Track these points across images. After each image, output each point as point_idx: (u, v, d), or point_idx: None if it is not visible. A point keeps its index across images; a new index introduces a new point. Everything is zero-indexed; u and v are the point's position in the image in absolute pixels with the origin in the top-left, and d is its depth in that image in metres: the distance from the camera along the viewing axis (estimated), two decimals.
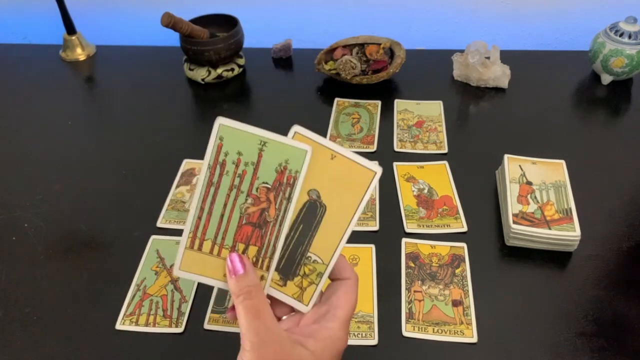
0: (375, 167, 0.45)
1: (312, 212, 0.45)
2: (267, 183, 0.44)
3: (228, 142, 0.43)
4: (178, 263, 0.45)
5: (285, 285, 0.46)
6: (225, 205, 0.44)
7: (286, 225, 0.45)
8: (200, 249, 0.45)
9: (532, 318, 0.65)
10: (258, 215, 0.45)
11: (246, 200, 0.44)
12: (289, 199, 0.44)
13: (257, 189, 0.44)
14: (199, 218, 0.44)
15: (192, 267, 0.45)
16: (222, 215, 0.44)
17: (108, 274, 0.71)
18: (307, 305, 0.46)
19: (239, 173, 0.44)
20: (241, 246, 0.45)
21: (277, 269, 0.46)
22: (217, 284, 0.45)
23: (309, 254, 0.46)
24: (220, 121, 0.43)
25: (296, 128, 0.44)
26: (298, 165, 0.44)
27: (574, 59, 1.09)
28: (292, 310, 0.47)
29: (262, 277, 0.45)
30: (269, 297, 0.45)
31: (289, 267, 0.46)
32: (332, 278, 0.46)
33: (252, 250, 0.45)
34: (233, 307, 0.43)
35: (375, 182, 0.45)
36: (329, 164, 0.44)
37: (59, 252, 0.75)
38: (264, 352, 0.40)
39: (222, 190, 0.44)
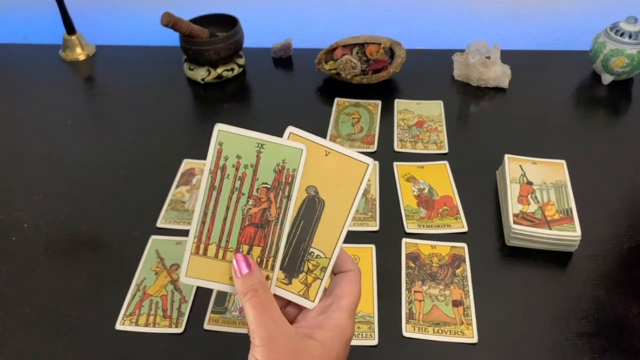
0: (368, 160, 0.46)
1: (312, 207, 0.46)
2: (266, 183, 0.46)
3: (227, 147, 0.45)
4: (184, 270, 0.46)
5: (290, 283, 0.47)
6: (227, 208, 0.46)
7: (287, 223, 0.46)
8: (205, 253, 0.46)
9: (533, 318, 0.65)
10: (260, 216, 0.46)
11: (247, 201, 0.46)
12: (288, 197, 0.46)
13: (257, 189, 0.45)
14: (203, 223, 0.45)
15: (198, 272, 0.46)
16: (225, 219, 0.46)
17: (108, 274, 0.71)
18: (313, 302, 0.47)
19: (239, 176, 0.45)
20: (245, 247, 0.46)
21: (281, 268, 0.46)
22: (224, 288, 0.46)
23: (311, 250, 0.47)
24: (219, 127, 0.45)
25: (291, 129, 0.46)
26: (295, 163, 0.45)
27: (575, 58, 1.09)
28: (300, 310, 0.47)
29: (267, 277, 0.46)
30: (276, 297, 0.45)
31: (293, 265, 0.47)
32: (335, 272, 0.47)
33: (256, 250, 0.46)
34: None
35: (369, 173, 0.46)
36: (323, 161, 0.46)
37: (59, 252, 0.75)
38: (273, 346, 0.41)
39: (224, 194, 0.45)
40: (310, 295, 0.47)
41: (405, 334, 0.63)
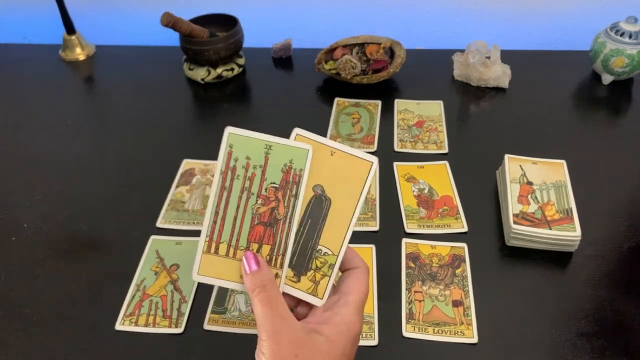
0: (372, 158, 0.48)
1: (319, 206, 0.48)
2: (274, 183, 0.47)
3: (237, 149, 0.47)
4: (197, 268, 0.47)
5: (299, 281, 0.48)
6: (237, 207, 0.47)
7: (295, 221, 0.47)
8: (217, 252, 0.47)
9: (533, 318, 0.65)
10: (269, 215, 0.47)
11: (257, 201, 0.47)
12: (296, 196, 0.47)
13: (266, 189, 0.47)
14: (214, 222, 0.47)
15: (209, 271, 0.47)
16: (235, 218, 0.47)
17: (108, 274, 0.71)
18: (321, 299, 0.48)
19: (249, 176, 0.47)
20: (255, 246, 0.47)
21: (290, 266, 0.48)
22: (234, 286, 0.48)
23: (319, 247, 0.48)
24: (230, 130, 0.47)
25: (297, 130, 0.47)
26: (302, 163, 0.47)
27: (575, 58, 1.09)
28: (310, 309, 0.48)
29: (276, 275, 0.47)
30: (286, 297, 0.46)
31: (301, 262, 0.48)
32: (342, 269, 0.48)
33: (265, 249, 0.47)
34: None
35: (373, 171, 0.47)
36: (329, 160, 0.48)
37: (59, 252, 0.75)
38: (280, 340, 0.42)
39: (234, 194, 0.47)
40: (319, 293, 0.48)
41: (405, 334, 0.63)
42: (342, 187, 0.48)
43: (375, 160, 0.47)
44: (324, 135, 0.92)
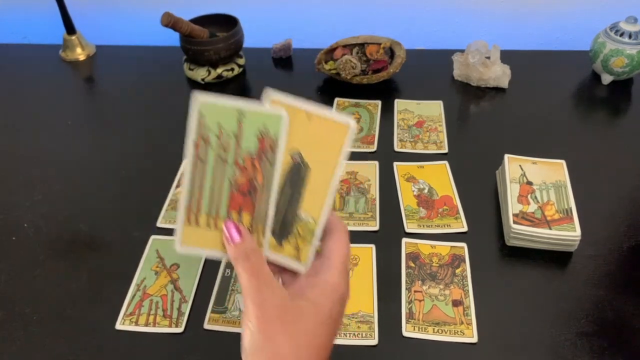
0: (350, 120, 0.46)
1: (297, 173, 0.47)
2: (250, 152, 0.46)
3: (208, 117, 0.45)
4: (179, 239, 0.47)
5: (281, 247, 0.47)
6: (214, 177, 0.46)
7: (274, 190, 0.46)
8: (197, 223, 0.46)
9: (533, 318, 0.65)
10: (247, 184, 0.46)
11: (233, 170, 0.46)
12: (273, 164, 0.46)
13: (242, 158, 0.46)
14: (192, 194, 0.46)
15: (192, 241, 0.47)
16: (212, 188, 0.46)
17: (108, 274, 0.71)
18: (305, 265, 0.47)
19: (223, 145, 0.46)
20: (235, 215, 0.46)
21: (272, 234, 0.47)
22: (218, 255, 0.47)
23: (300, 214, 0.47)
24: (199, 98, 0.45)
25: (270, 94, 0.46)
26: (276, 130, 0.46)
27: (574, 58, 1.09)
28: (295, 277, 0.48)
29: (258, 243, 0.47)
30: (270, 265, 0.46)
31: (283, 230, 0.47)
32: (323, 234, 0.47)
33: (246, 217, 0.47)
34: None
35: (351, 134, 0.46)
36: (306, 125, 0.46)
37: (59, 252, 0.75)
38: (265, 308, 0.41)
39: (210, 165, 0.46)
40: (302, 259, 0.47)
41: (405, 333, 0.63)
42: (320, 152, 0.46)
43: (353, 122, 0.46)
44: None
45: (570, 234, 0.69)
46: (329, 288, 0.44)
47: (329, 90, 1.03)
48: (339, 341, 0.62)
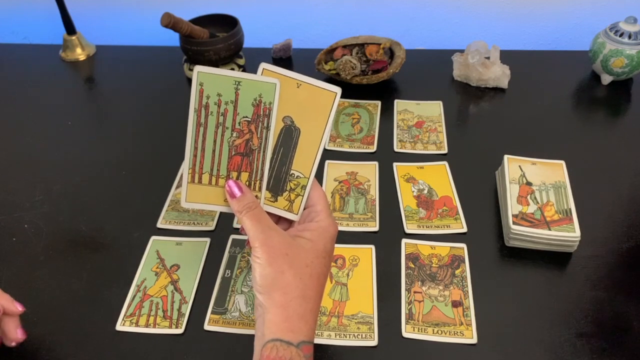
0: (335, 88, 0.52)
1: (289, 135, 0.53)
2: (247, 117, 0.52)
3: (208, 87, 0.51)
4: (184, 196, 0.54)
5: (276, 201, 0.55)
6: (214, 141, 0.52)
7: (269, 151, 0.53)
8: (200, 181, 0.53)
9: (532, 319, 0.65)
10: (244, 146, 0.53)
11: (232, 134, 0.52)
12: (267, 128, 0.52)
13: (239, 123, 0.52)
14: (195, 156, 0.53)
15: (196, 198, 0.54)
16: (213, 151, 0.53)
17: (108, 274, 0.72)
18: (296, 214, 0.56)
19: (222, 112, 0.52)
20: (234, 174, 0.54)
21: (267, 189, 0.54)
22: (220, 208, 0.55)
23: (292, 172, 0.54)
24: (199, 69, 0.50)
25: (264, 65, 0.52)
26: (270, 97, 0.52)
27: (574, 59, 1.09)
28: (288, 225, 0.57)
29: (256, 197, 0.54)
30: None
31: (277, 185, 0.55)
32: None
33: (244, 176, 0.54)
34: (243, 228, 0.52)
35: (337, 100, 0.52)
36: (296, 92, 0.52)
37: (59, 252, 0.75)
38: (271, 244, 0.49)
39: (210, 129, 0.52)
40: (294, 209, 0.55)
41: (405, 334, 0.64)
42: (309, 116, 0.52)
43: (338, 90, 0.52)
44: None
45: (569, 234, 0.69)
46: (321, 229, 0.53)
47: None
48: (339, 342, 0.63)
